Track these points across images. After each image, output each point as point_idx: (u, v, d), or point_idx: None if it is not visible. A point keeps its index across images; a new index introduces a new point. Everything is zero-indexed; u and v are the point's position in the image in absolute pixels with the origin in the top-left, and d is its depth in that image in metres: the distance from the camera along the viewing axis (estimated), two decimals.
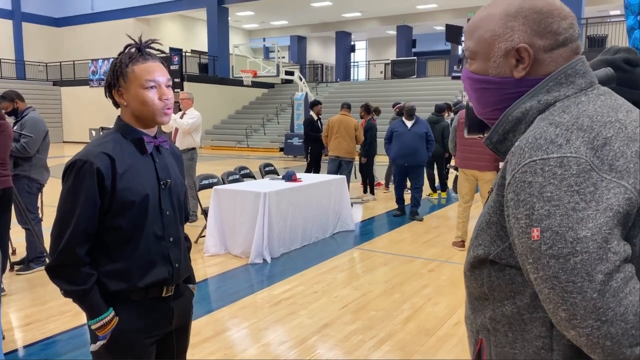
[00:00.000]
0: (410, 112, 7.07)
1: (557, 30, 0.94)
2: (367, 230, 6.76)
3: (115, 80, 1.57)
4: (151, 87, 1.55)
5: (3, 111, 4.64)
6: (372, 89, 24.10)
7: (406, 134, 7.00)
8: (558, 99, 0.92)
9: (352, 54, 31.35)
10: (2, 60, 25.76)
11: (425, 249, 5.67)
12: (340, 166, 7.86)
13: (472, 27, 1.01)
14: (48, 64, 27.52)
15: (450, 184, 9.29)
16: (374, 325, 3.61)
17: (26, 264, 4.77)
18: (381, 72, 27.68)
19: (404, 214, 7.46)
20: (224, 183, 5.86)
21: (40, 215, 4.91)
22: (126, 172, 1.53)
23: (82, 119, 24.28)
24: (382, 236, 6.33)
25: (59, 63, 26.87)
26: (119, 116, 1.64)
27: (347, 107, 8.12)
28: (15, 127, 4.66)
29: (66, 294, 1.52)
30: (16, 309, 3.95)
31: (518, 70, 0.95)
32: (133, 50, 1.59)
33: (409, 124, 7.09)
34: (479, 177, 5.44)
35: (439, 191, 9.08)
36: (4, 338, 3.32)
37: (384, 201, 8.75)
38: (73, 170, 1.50)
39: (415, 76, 24.51)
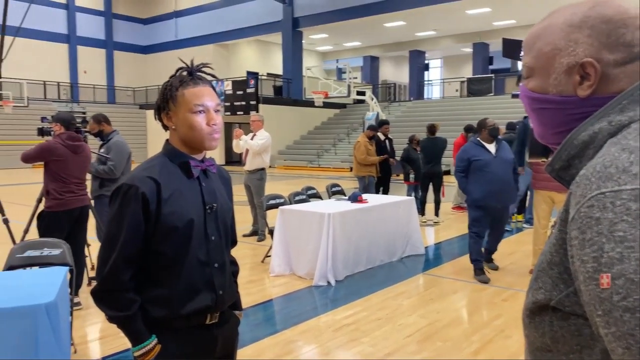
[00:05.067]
0: (493, 133, 5.24)
1: (631, 42, 0.81)
2: (437, 255, 6.51)
3: (165, 103, 1.56)
4: (200, 112, 1.53)
5: (89, 132, 4.97)
6: (447, 108, 23.62)
7: (492, 163, 5.15)
8: (633, 120, 0.78)
9: (425, 72, 31.00)
10: (95, 87, 27.95)
11: (500, 276, 5.35)
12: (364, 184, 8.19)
13: (531, 40, 0.90)
14: (135, 89, 29.51)
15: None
16: (441, 357, 3.42)
17: None
18: (456, 90, 27.11)
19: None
20: (290, 203, 5.88)
21: None
22: (171, 196, 1.52)
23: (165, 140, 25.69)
24: (454, 261, 6.06)
25: (145, 88, 28.72)
26: (167, 140, 1.64)
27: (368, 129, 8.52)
28: (101, 150, 4.96)
29: (110, 319, 1.51)
30: (91, 322, 4.13)
31: (582, 88, 0.83)
32: (184, 73, 1.58)
33: (492, 148, 5.25)
34: (556, 199, 5.08)
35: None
36: (75, 352, 3.47)
37: (457, 223, 8.42)
38: (119, 195, 1.49)
39: (492, 94, 23.76)
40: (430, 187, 8.44)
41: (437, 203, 8.45)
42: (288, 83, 25.11)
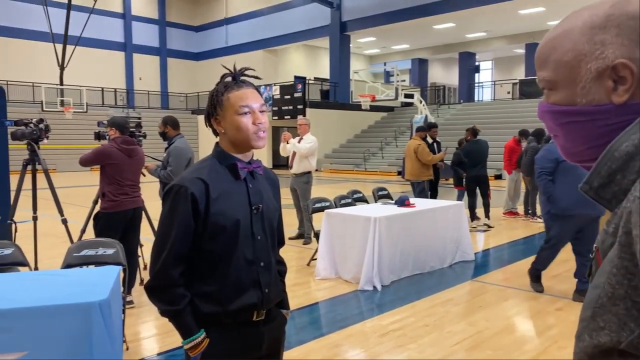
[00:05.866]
0: None
1: None
2: (488, 261, 6.33)
3: (213, 109, 1.64)
4: (245, 113, 1.59)
5: (158, 129, 5.16)
6: (498, 110, 23.03)
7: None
8: None
9: (476, 74, 30.37)
10: (150, 93, 28.96)
11: (554, 284, 5.14)
12: (413, 189, 7.99)
13: (545, 53, 0.82)
14: (187, 95, 30.37)
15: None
16: None
17: None
18: (508, 92, 26.42)
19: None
20: (336, 207, 5.88)
21: None
22: (219, 197, 1.58)
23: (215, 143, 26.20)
24: (505, 268, 5.88)
25: (196, 93, 29.50)
26: (217, 142, 1.71)
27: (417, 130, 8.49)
28: (164, 155, 5.12)
29: (162, 313, 1.59)
30: (143, 320, 4.26)
31: (618, 94, 0.74)
32: (228, 79, 1.65)
33: None
34: None
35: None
36: (127, 349, 3.58)
37: (508, 230, 8.16)
38: (170, 195, 1.58)
39: None
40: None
41: (487, 206, 8.25)
42: (335, 87, 25.16)
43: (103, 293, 2.23)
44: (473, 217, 8.22)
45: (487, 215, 8.27)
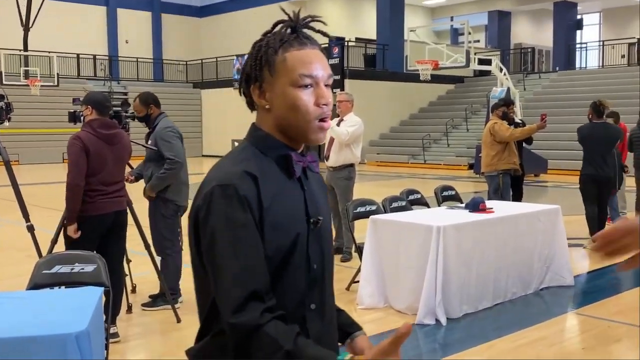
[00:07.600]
0: None
1: None
2: (593, 287, 6.27)
3: (258, 71, 1.46)
4: (307, 86, 1.44)
5: (136, 113, 5.22)
6: (608, 81, 22.58)
7: None
8: None
9: (578, 32, 29.95)
10: (139, 60, 29.41)
11: None
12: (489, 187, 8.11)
13: None
14: (188, 62, 30.72)
15: None
16: None
17: (154, 299, 5.27)
18: (623, 56, 25.89)
19: None
20: (385, 211, 5.89)
21: (180, 244, 5.33)
22: (273, 204, 1.41)
23: (224, 128, 26.32)
24: (619, 296, 5.81)
25: (200, 61, 29.81)
26: (253, 124, 1.54)
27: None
28: (149, 142, 5.18)
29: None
30: (132, 358, 4.34)
31: None
32: (286, 30, 1.49)
33: None
34: None
35: None
36: None
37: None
38: (212, 206, 1.37)
39: None
40: None
41: (602, 221, 7.76)
42: (384, 50, 25.06)
43: (81, 322, 2.28)
44: (593, 232, 7.81)
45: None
